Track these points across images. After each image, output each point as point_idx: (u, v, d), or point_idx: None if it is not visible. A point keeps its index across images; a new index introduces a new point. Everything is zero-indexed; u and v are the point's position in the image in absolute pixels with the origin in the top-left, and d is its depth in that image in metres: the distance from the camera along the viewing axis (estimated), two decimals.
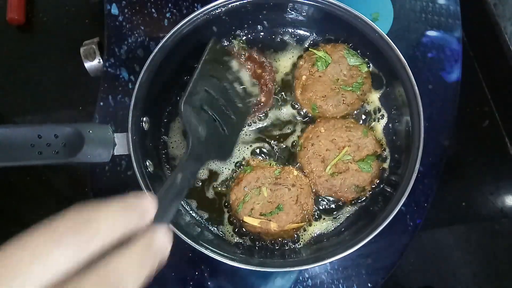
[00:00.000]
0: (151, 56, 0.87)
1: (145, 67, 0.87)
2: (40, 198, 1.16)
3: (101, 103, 1.04)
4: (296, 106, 0.99)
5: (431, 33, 1.12)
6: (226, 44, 1.01)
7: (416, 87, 0.86)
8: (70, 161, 0.73)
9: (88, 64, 1.09)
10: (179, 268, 0.98)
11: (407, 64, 0.87)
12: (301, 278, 0.99)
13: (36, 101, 1.19)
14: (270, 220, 0.88)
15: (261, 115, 0.98)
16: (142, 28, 1.08)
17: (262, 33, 1.03)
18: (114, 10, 1.08)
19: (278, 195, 0.89)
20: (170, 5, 1.10)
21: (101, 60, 1.08)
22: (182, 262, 0.98)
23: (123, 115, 0.83)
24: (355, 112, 0.98)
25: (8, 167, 0.73)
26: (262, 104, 0.96)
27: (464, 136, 1.21)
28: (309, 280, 0.99)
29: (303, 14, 0.97)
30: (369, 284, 1.00)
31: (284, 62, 1.03)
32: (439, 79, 1.09)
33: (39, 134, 0.73)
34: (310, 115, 0.98)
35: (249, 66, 0.96)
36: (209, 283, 0.98)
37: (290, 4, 0.94)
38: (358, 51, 0.98)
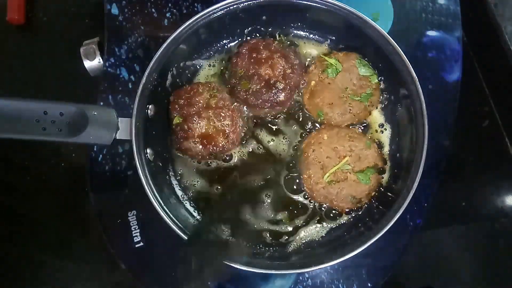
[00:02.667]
0: (164, 45, 0.88)
1: (156, 55, 0.87)
2: (40, 198, 1.16)
3: (101, 103, 1.04)
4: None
5: (431, 33, 1.12)
6: (267, 37, 1.01)
7: (424, 105, 0.86)
8: (73, 141, 0.75)
9: (88, 64, 1.09)
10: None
11: (418, 81, 0.86)
12: (301, 278, 0.99)
13: None
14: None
15: (275, 114, 0.98)
16: (142, 28, 1.08)
17: (278, 35, 1.02)
18: (114, 10, 1.08)
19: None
20: (170, 5, 1.10)
21: (101, 60, 1.08)
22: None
23: (123, 115, 0.83)
24: (362, 126, 0.98)
25: (11, 139, 0.73)
26: (279, 102, 0.96)
27: (464, 136, 1.21)
28: (309, 280, 0.99)
29: (317, 19, 0.96)
30: (369, 284, 1.00)
31: None
32: (439, 79, 1.09)
33: (45, 111, 0.75)
34: (316, 121, 0.98)
35: (281, 64, 0.95)
36: (209, 283, 0.97)
37: (305, 8, 0.94)
38: (370, 63, 0.97)
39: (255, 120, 0.99)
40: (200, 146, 0.91)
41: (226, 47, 1.03)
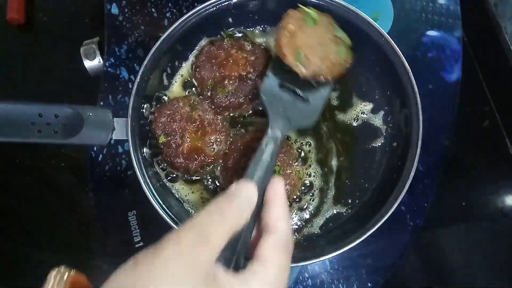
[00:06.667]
0: (156, 44, 0.87)
1: (149, 55, 0.87)
2: (40, 198, 1.16)
3: (101, 103, 1.04)
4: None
5: (431, 33, 1.12)
6: (217, 37, 1.00)
7: (419, 104, 0.85)
8: (69, 142, 0.74)
9: (88, 64, 1.09)
10: None
11: (415, 82, 0.86)
12: (301, 278, 0.99)
13: (36, 101, 1.19)
14: None
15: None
16: (142, 27, 1.08)
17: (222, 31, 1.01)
18: (114, 10, 1.08)
19: None
20: (170, 5, 1.10)
21: (101, 60, 1.08)
22: None
23: (123, 115, 0.83)
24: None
25: (7, 142, 0.73)
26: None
27: (464, 136, 1.21)
28: (309, 280, 0.99)
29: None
30: (369, 284, 1.00)
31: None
32: (439, 79, 1.09)
33: (39, 113, 0.74)
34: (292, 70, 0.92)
35: (242, 55, 0.94)
36: None
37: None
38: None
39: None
40: (191, 161, 0.90)
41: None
